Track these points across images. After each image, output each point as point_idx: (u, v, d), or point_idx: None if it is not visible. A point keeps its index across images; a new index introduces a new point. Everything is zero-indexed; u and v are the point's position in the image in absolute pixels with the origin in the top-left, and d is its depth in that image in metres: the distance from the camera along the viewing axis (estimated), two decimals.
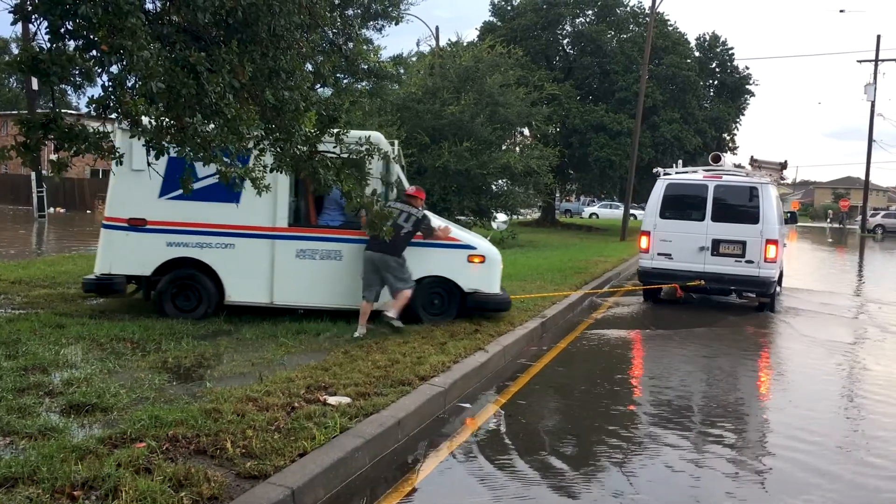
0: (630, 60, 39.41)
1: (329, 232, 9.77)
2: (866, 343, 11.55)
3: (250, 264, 9.64)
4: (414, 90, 24.18)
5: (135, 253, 9.49)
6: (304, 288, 9.74)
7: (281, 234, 9.63)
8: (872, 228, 55.68)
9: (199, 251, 9.54)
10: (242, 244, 9.59)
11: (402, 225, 9.26)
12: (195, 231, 9.50)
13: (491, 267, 10.09)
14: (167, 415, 5.36)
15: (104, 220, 9.63)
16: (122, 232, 9.50)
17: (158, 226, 9.45)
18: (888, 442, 6.61)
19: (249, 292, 9.69)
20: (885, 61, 52.51)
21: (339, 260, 9.75)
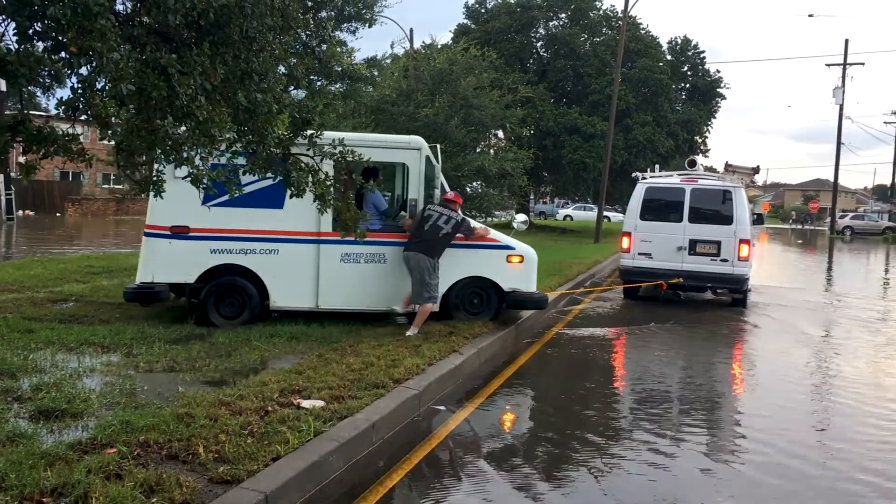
0: (603, 63, 39.69)
1: (375, 235, 9.71)
2: (833, 330, 11.73)
3: (295, 269, 9.66)
4: (388, 92, 24.14)
5: (178, 261, 9.43)
6: (348, 292, 9.82)
7: (325, 239, 9.65)
8: (841, 230, 56.54)
9: (244, 257, 9.54)
10: (287, 249, 9.62)
11: (441, 227, 9.48)
12: (239, 237, 9.50)
13: (528, 266, 10.37)
14: (138, 420, 5.30)
15: (146, 229, 9.50)
16: (165, 240, 9.41)
17: (202, 233, 9.41)
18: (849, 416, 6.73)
19: (294, 297, 9.73)
20: (852, 65, 53.42)
21: (383, 263, 9.89)
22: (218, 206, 9.25)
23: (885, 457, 6.27)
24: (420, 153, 10.00)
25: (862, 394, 8.38)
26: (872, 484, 5.63)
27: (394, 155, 10.25)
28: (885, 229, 57.30)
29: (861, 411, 7.67)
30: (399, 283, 9.82)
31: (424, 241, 9.43)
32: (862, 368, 9.79)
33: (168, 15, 4.49)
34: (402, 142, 10.26)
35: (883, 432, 6.95)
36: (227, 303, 9.60)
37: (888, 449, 6.49)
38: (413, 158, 10.00)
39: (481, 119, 24.53)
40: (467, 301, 10.21)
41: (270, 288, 9.61)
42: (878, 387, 8.85)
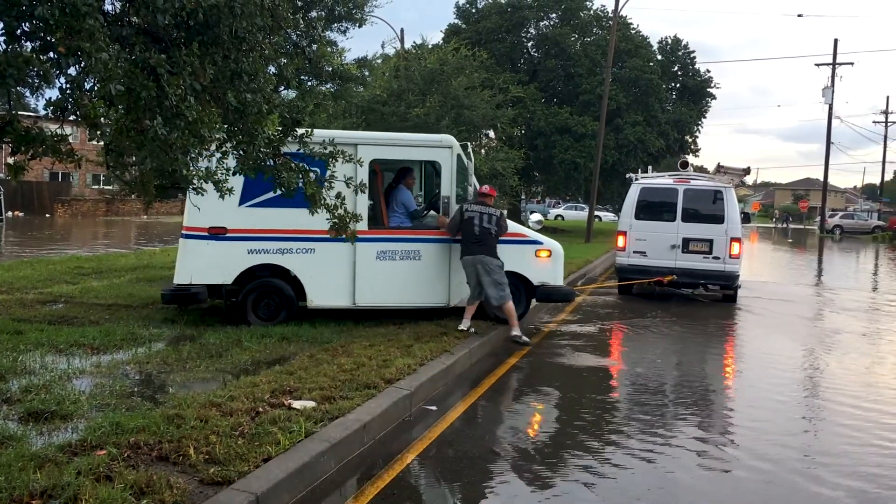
0: (594, 63, 39.74)
1: (408, 232, 10.06)
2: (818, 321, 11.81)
3: (331, 268, 9.75)
4: (379, 92, 24.11)
5: (216, 262, 9.45)
6: (384, 289, 9.94)
7: (361, 237, 9.54)
8: (831, 229, 56.82)
9: (280, 257, 9.59)
10: (323, 248, 9.66)
11: (488, 227, 9.70)
12: (276, 237, 9.54)
13: (556, 261, 10.67)
14: (128, 421, 5.28)
15: (183, 230, 9.49)
16: (203, 241, 9.42)
17: (239, 234, 9.43)
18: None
19: (331, 296, 9.82)
20: (841, 65, 53.66)
21: (418, 259, 10.03)
22: (255, 207, 9.34)
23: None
24: (452, 151, 10.16)
25: (849, 390, 8.42)
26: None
27: (426, 153, 10.43)
28: (874, 228, 57.65)
29: (847, 408, 7.72)
30: (433, 279, 10.07)
31: (483, 244, 9.66)
32: (849, 364, 9.83)
33: (157, 15, 4.47)
34: (434, 140, 10.42)
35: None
36: (264, 304, 9.68)
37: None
38: (445, 157, 10.14)
39: (472, 119, 24.52)
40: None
41: (307, 287, 9.69)
42: (868, 385, 8.89)
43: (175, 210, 45.57)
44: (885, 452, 6.37)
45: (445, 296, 10.20)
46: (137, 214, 44.96)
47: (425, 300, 10.09)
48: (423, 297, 10.08)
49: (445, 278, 10.16)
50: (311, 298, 9.74)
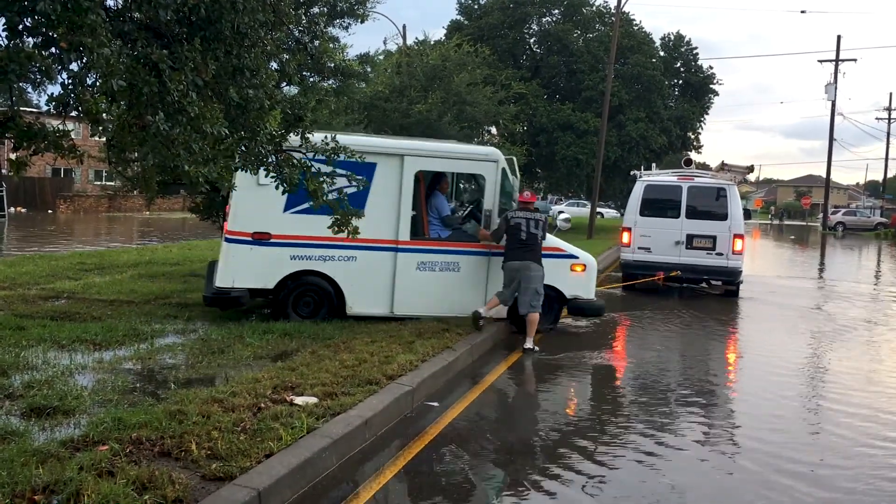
0: (596, 59, 39.68)
1: (449, 244, 10.19)
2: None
3: (372, 276, 9.83)
4: (381, 89, 24.10)
5: (258, 266, 9.50)
6: (422, 298, 10.01)
7: (403, 248, 9.88)
8: (833, 226, 56.76)
9: (322, 264, 9.65)
10: (365, 256, 9.76)
11: (535, 233, 9.73)
12: (319, 244, 9.56)
13: (590, 274, 10.75)
14: (131, 417, 5.29)
15: (226, 234, 9.52)
16: (246, 246, 9.45)
17: (283, 239, 9.49)
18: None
19: (370, 303, 9.88)
20: (844, 61, 53.60)
21: (456, 271, 10.15)
22: (299, 213, 9.36)
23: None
24: (497, 165, 10.24)
25: (852, 386, 8.42)
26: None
27: (471, 166, 10.54)
28: (876, 225, 57.58)
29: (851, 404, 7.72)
30: (471, 290, 10.16)
31: (530, 249, 9.68)
32: (852, 359, 9.83)
33: (159, 10, 4.47)
34: (481, 153, 10.51)
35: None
36: (303, 302, 9.75)
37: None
38: (490, 170, 10.23)
39: (474, 115, 24.51)
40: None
41: (347, 294, 9.75)
42: (869, 381, 8.89)
43: (177, 206, 45.58)
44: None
45: (482, 306, 10.10)
46: (139, 210, 44.97)
47: (462, 310, 10.09)
48: (459, 308, 10.10)
49: (483, 290, 10.23)
50: (350, 305, 9.79)
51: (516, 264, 9.68)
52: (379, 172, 9.69)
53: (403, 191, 9.79)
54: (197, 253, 17.93)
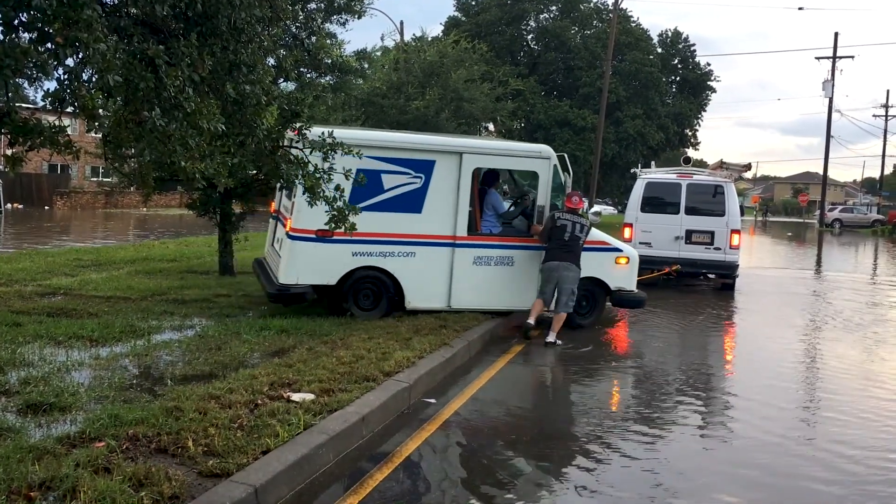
0: (594, 56, 39.71)
1: (503, 239, 10.49)
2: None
3: (430, 271, 10.02)
4: (378, 85, 24.11)
5: (322, 263, 9.60)
6: (478, 293, 10.26)
7: (461, 243, 10.10)
8: (830, 223, 56.84)
9: (383, 260, 9.80)
10: (423, 252, 9.95)
11: (579, 236, 10.05)
12: (379, 241, 9.73)
13: (632, 267, 11.08)
14: (127, 414, 5.27)
15: (291, 232, 9.59)
16: (310, 243, 9.53)
17: (345, 236, 9.33)
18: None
19: (428, 298, 10.07)
20: (842, 58, 53.39)
21: (510, 266, 10.39)
22: (362, 211, 9.33)
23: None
24: (549, 162, 10.50)
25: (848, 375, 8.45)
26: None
27: (525, 163, 10.81)
28: (873, 222, 57.63)
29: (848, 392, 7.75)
30: (523, 284, 10.40)
31: (572, 251, 9.99)
32: (847, 352, 9.86)
33: (155, 5, 4.46)
34: (534, 151, 10.76)
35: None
36: (363, 295, 9.90)
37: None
38: (543, 167, 10.51)
39: (472, 112, 24.53)
40: (577, 304, 10.52)
41: (406, 289, 9.91)
42: (868, 374, 8.92)
43: (174, 203, 45.51)
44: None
45: (533, 300, 10.35)
46: (136, 207, 44.89)
47: (515, 304, 10.45)
48: (512, 301, 10.44)
49: (535, 283, 10.42)
50: (409, 300, 9.96)
51: (555, 264, 9.96)
52: (438, 169, 9.94)
53: (461, 187, 10.02)
54: (194, 249, 17.91)
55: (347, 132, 9.56)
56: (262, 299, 10.53)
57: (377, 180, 9.52)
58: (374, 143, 9.70)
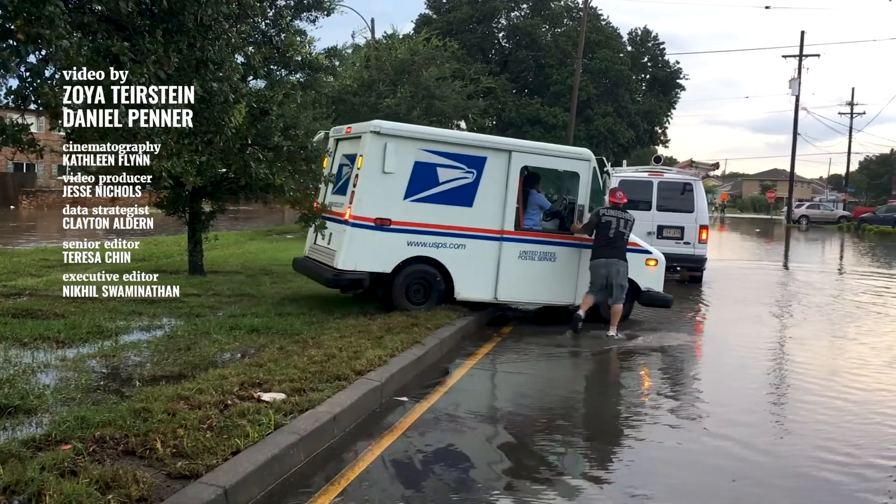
0: (564, 54, 39.89)
1: (547, 235, 10.92)
2: None
3: (478, 263, 10.44)
4: (349, 83, 24.03)
5: (379, 251, 9.95)
6: (522, 286, 10.74)
7: (508, 237, 10.57)
8: (798, 219, 57.57)
9: (435, 250, 10.19)
10: (473, 245, 10.39)
11: (623, 232, 10.46)
12: (433, 231, 10.16)
13: (660, 269, 11.62)
14: (94, 416, 5.19)
15: (351, 219, 9.87)
16: (369, 231, 9.89)
17: (401, 226, 10.00)
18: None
19: (476, 289, 10.51)
20: (808, 56, 53.98)
21: (553, 261, 10.85)
22: (417, 202, 10.04)
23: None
24: (590, 164, 11.01)
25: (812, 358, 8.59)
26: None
27: (568, 164, 11.28)
28: (839, 218, 58.52)
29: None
30: (563, 280, 10.88)
31: (617, 248, 10.41)
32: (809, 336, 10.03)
33: (120, 2, 4.40)
34: (576, 153, 11.41)
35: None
36: (414, 289, 10.25)
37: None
38: (584, 168, 11.01)
39: (443, 109, 24.52)
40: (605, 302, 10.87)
41: (456, 280, 10.30)
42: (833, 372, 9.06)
43: (143, 201, 44.91)
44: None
45: (573, 296, 10.91)
46: (105, 206, 44.30)
47: (555, 299, 11.01)
48: (553, 296, 10.98)
49: (574, 279, 10.91)
50: (458, 290, 10.35)
51: (603, 261, 10.38)
52: (489, 166, 10.42)
53: (510, 184, 10.50)
54: (163, 249, 17.72)
55: (408, 126, 10.61)
56: (234, 298, 10.45)
57: (433, 173, 10.08)
58: (432, 137, 10.41)
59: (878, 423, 6.94)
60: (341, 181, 10.70)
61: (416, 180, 9.91)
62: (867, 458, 5.95)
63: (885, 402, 7.79)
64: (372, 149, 9.69)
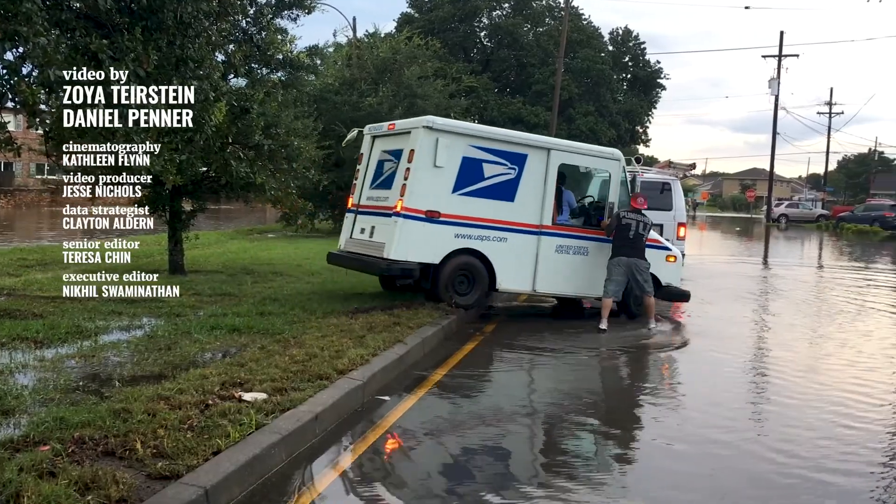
0: (546, 53, 39.99)
1: (581, 230, 11.51)
2: None
3: (518, 256, 10.90)
4: (331, 81, 23.95)
5: (428, 242, 10.34)
6: (558, 279, 11.26)
7: (546, 231, 11.07)
8: (777, 218, 58.05)
9: (480, 243, 10.62)
10: (514, 238, 10.84)
11: (641, 233, 10.99)
12: (478, 225, 10.58)
13: (678, 264, 12.25)
14: (73, 416, 5.15)
15: (403, 210, 10.21)
16: (420, 222, 10.27)
17: (450, 218, 10.40)
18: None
19: (516, 281, 11.02)
20: (787, 56, 54.36)
21: (585, 255, 11.42)
22: (465, 196, 10.47)
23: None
24: (620, 163, 11.63)
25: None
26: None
27: (600, 163, 11.94)
28: (818, 217, 59.10)
29: None
30: (595, 273, 11.31)
31: (637, 248, 10.95)
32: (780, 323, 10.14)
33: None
34: (608, 152, 12.01)
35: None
36: (458, 282, 10.68)
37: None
38: (615, 168, 11.64)
39: (425, 109, 24.43)
40: (634, 297, 11.49)
41: (498, 272, 10.75)
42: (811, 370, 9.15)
43: (122, 200, 44.56)
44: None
45: (602, 288, 11.15)
46: (84, 205, 43.89)
47: (587, 292, 11.53)
48: (585, 289, 11.48)
49: (603, 273, 11.20)
50: (500, 282, 10.80)
51: (624, 260, 10.87)
52: (529, 163, 10.90)
53: (548, 180, 11.00)
54: (143, 248, 17.55)
55: (458, 123, 11.42)
56: (215, 298, 10.39)
57: (479, 168, 10.52)
58: (480, 133, 10.88)
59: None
60: (382, 176, 11.09)
61: (464, 175, 10.35)
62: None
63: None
64: (424, 143, 10.12)
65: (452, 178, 10.33)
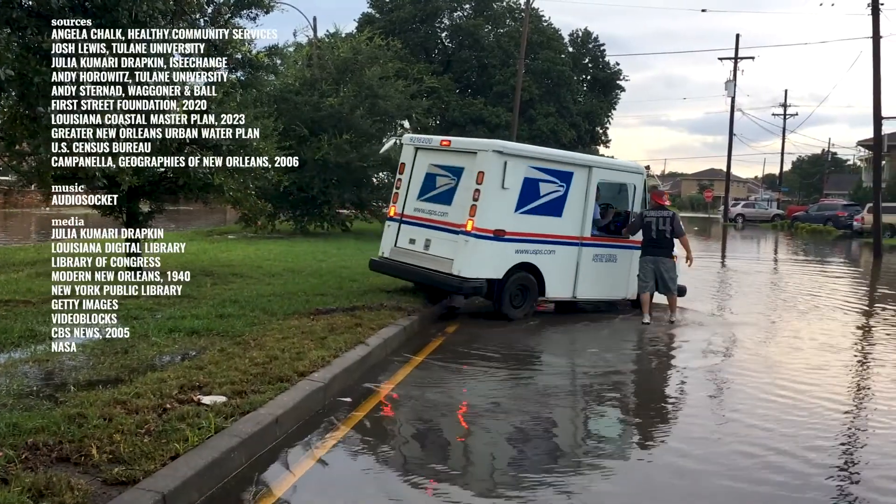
0: (507, 55, 40.18)
1: (611, 240, 12.40)
2: None
3: (563, 267, 11.67)
4: (291, 81, 23.77)
5: (494, 259, 10.94)
6: (594, 284, 12.07)
7: (586, 242, 11.93)
8: (734, 218, 58.99)
9: (535, 257, 11.32)
10: (560, 250, 11.61)
11: (663, 229, 11.59)
12: (533, 240, 11.29)
13: (678, 263, 12.40)
14: (26, 422, 5.05)
15: (474, 230, 10.73)
16: (488, 241, 10.84)
17: (512, 236, 11.07)
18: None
19: (560, 290, 11.77)
20: (743, 59, 55.21)
21: (614, 262, 12.33)
22: (524, 213, 11.15)
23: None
24: (643, 176, 12.72)
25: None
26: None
27: (628, 177, 12.84)
28: (773, 216, 60.16)
29: None
30: (622, 278, 12.37)
31: (660, 245, 11.62)
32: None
33: None
34: (632, 167, 13.30)
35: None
36: (515, 295, 11.24)
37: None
38: (639, 181, 12.69)
39: (387, 109, 24.43)
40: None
41: (547, 282, 11.47)
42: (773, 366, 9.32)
43: (79, 202, 43.71)
44: None
45: (626, 291, 12.47)
46: (38, 206, 43.02)
47: (615, 294, 12.53)
48: (614, 292, 12.48)
49: (628, 277, 12.35)
50: (548, 291, 11.54)
51: (650, 259, 11.64)
52: (575, 180, 11.70)
53: (588, 195, 11.85)
54: (100, 250, 17.26)
55: (522, 146, 12.58)
56: (173, 300, 10.23)
57: (536, 188, 11.23)
58: (538, 155, 11.72)
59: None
60: (436, 190, 11.48)
61: (525, 194, 11.05)
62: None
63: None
64: (493, 167, 10.70)
65: (515, 197, 10.99)
